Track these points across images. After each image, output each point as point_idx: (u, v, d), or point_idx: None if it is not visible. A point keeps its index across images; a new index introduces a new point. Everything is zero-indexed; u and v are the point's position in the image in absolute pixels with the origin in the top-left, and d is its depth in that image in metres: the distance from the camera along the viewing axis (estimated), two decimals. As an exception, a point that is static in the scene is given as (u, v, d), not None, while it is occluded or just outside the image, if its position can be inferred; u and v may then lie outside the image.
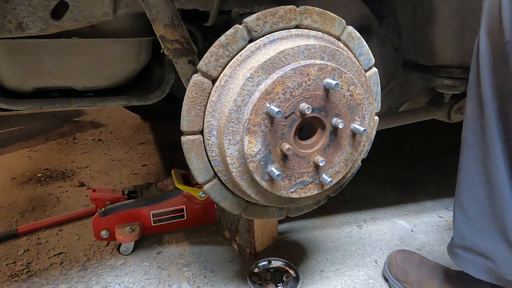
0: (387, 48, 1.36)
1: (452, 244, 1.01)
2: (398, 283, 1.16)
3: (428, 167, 2.01)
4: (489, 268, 0.92)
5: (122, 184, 1.91)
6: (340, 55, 0.83)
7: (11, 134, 2.68)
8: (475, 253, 0.94)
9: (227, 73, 0.80)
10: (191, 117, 0.81)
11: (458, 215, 0.97)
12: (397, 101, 1.50)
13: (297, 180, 0.84)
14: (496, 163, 0.86)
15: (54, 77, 1.12)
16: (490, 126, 0.85)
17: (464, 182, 0.95)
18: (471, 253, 0.95)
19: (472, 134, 0.90)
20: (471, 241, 0.95)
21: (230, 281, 1.23)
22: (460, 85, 1.31)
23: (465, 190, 0.95)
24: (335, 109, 0.82)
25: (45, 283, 1.22)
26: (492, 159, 0.87)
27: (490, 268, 0.92)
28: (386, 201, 1.70)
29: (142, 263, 1.32)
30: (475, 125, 0.89)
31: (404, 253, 1.22)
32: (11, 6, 0.84)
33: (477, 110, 0.87)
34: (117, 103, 1.18)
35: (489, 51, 0.83)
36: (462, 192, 0.95)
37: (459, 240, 0.98)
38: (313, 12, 0.84)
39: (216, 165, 0.85)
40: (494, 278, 0.92)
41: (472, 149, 0.91)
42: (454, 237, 1.00)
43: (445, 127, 1.81)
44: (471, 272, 0.96)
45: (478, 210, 0.92)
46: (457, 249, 0.99)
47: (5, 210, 1.67)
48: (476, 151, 0.90)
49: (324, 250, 1.38)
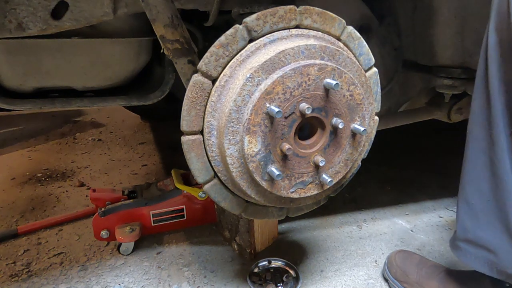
0: (387, 48, 1.36)
1: (455, 237, 1.02)
2: (398, 283, 1.16)
3: (428, 167, 2.01)
4: (491, 261, 0.93)
5: (122, 184, 1.91)
6: (340, 55, 0.83)
7: (11, 134, 2.68)
8: (477, 246, 0.95)
9: (227, 73, 0.80)
10: (191, 117, 0.81)
11: (462, 208, 0.98)
12: (397, 101, 1.50)
13: (297, 180, 0.84)
14: (502, 156, 0.87)
15: (54, 77, 1.12)
16: (497, 120, 0.86)
17: (469, 175, 0.95)
18: (474, 246, 0.96)
19: (478, 127, 0.91)
20: (474, 234, 0.95)
21: (230, 281, 1.23)
22: (460, 85, 1.31)
23: (470, 183, 0.95)
24: (335, 109, 0.82)
25: (45, 283, 1.23)
26: (498, 152, 0.87)
27: (492, 261, 0.93)
28: (386, 201, 1.70)
29: (142, 263, 1.32)
30: (482, 119, 0.89)
31: (404, 253, 1.22)
32: (11, 6, 0.84)
33: (484, 104, 0.88)
34: (117, 103, 1.18)
35: (498, 46, 0.83)
36: (467, 185, 0.96)
37: (462, 233, 0.98)
38: (313, 12, 0.84)
39: (216, 165, 0.85)
40: (495, 271, 0.93)
41: (478, 142, 0.91)
42: (457, 230, 1.00)
43: (445, 127, 1.81)
44: (473, 265, 0.96)
45: (482, 203, 0.92)
46: (460, 242, 0.99)
47: (5, 210, 1.67)
48: (482, 145, 0.90)
49: (324, 250, 1.38)
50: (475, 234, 0.95)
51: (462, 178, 0.97)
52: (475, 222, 0.95)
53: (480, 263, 0.95)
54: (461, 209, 0.98)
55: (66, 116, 3.05)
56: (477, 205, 0.94)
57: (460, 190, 0.98)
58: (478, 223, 0.94)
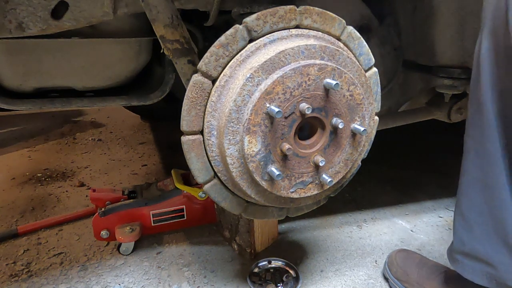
0: (387, 48, 1.36)
1: (452, 249, 1.01)
2: (399, 283, 1.16)
3: (428, 167, 2.01)
4: (490, 274, 0.91)
5: (122, 184, 1.91)
6: (340, 55, 0.83)
7: (11, 134, 2.68)
8: (475, 259, 0.93)
9: (227, 73, 0.80)
10: (191, 117, 0.81)
11: (457, 220, 0.96)
12: (397, 101, 1.50)
13: (297, 180, 0.84)
14: (495, 168, 0.85)
15: (54, 77, 1.12)
16: (490, 131, 0.83)
17: (463, 187, 0.94)
18: (471, 259, 0.94)
19: (471, 138, 0.89)
20: (470, 247, 0.94)
21: (230, 281, 1.23)
22: (460, 85, 1.31)
23: (464, 195, 0.94)
24: (335, 109, 0.82)
25: (45, 283, 1.22)
26: (491, 163, 0.85)
27: (491, 274, 0.91)
28: (386, 201, 1.70)
29: (142, 263, 1.32)
30: (474, 129, 0.87)
31: (404, 253, 1.22)
32: (11, 6, 0.84)
33: (476, 114, 0.86)
34: (117, 103, 1.18)
35: (491, 52, 0.80)
36: (462, 198, 0.94)
37: (458, 246, 0.97)
38: (313, 12, 0.84)
39: (216, 165, 0.85)
40: (495, 284, 0.91)
41: (471, 154, 0.90)
42: (453, 242, 0.99)
43: (445, 127, 1.81)
44: (472, 278, 0.95)
45: (476, 215, 0.91)
46: (457, 254, 0.98)
47: (5, 210, 1.67)
48: (475, 156, 0.88)
49: (324, 250, 1.38)
50: (472, 246, 0.93)
51: (458, 190, 0.95)
52: (471, 234, 0.93)
53: (478, 276, 0.93)
54: (456, 221, 0.97)
55: (66, 116, 3.05)
56: (472, 218, 0.92)
57: (456, 202, 0.96)
58: (473, 235, 0.92)
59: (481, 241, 0.91)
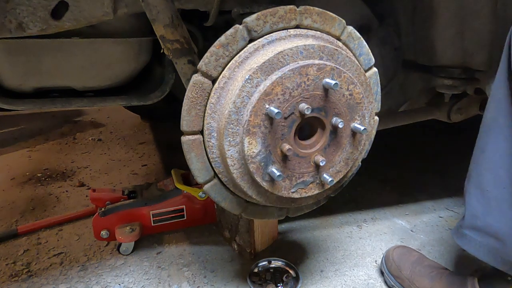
0: (387, 48, 1.36)
1: (461, 224, 1.02)
2: (392, 278, 1.17)
3: (428, 167, 2.01)
4: (496, 250, 0.93)
5: (122, 184, 1.91)
6: (339, 55, 0.83)
7: (11, 134, 2.68)
8: (484, 233, 0.95)
9: (226, 75, 0.80)
10: (191, 117, 0.81)
11: (474, 194, 0.97)
12: (397, 101, 1.50)
13: (298, 180, 0.84)
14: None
15: (54, 77, 1.12)
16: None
17: (487, 163, 0.95)
18: (481, 233, 0.96)
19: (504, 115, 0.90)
20: (483, 221, 0.95)
21: (230, 281, 1.23)
22: (460, 85, 1.31)
23: (488, 170, 0.94)
24: (335, 108, 0.82)
25: (45, 283, 1.23)
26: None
27: (497, 250, 0.93)
28: (386, 201, 1.70)
29: (142, 263, 1.32)
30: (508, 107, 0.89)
31: (402, 249, 1.23)
32: (11, 6, 0.84)
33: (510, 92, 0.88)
34: (117, 103, 1.18)
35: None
36: (485, 172, 0.95)
37: (470, 220, 0.98)
38: (313, 12, 0.84)
39: (216, 166, 0.85)
40: (499, 260, 0.93)
41: (502, 130, 0.91)
42: (465, 217, 1.00)
43: (445, 127, 1.81)
44: (476, 254, 0.96)
45: (497, 190, 0.92)
46: (466, 229, 0.99)
47: (5, 210, 1.67)
48: (507, 133, 0.90)
49: (324, 250, 1.38)
50: (485, 221, 0.95)
51: (478, 166, 0.96)
52: (487, 208, 0.94)
53: (484, 252, 0.95)
54: (473, 196, 0.98)
55: (66, 116, 3.05)
56: (492, 192, 0.93)
57: (473, 177, 0.98)
58: (489, 210, 0.94)
59: (496, 215, 0.93)
